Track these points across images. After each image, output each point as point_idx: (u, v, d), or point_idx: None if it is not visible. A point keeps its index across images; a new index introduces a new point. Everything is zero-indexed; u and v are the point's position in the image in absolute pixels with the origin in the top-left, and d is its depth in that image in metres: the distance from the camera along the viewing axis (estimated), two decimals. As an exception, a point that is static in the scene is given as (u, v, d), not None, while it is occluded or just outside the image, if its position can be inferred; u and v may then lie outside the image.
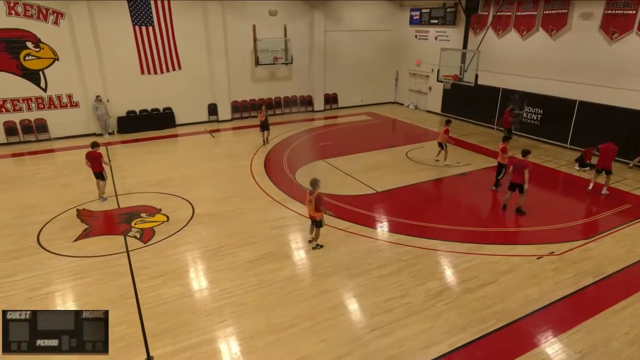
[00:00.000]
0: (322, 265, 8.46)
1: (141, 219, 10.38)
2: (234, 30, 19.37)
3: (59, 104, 17.10)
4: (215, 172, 13.73)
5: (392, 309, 7.16)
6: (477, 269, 8.32)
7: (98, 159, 11.33)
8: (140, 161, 14.79)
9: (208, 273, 8.29)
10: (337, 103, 23.36)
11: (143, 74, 18.20)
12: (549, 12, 16.04)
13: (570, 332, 6.63)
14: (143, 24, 17.58)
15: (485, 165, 14.32)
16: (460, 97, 19.71)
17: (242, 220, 10.39)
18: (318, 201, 8.50)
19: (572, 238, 9.52)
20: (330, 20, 21.47)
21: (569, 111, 15.76)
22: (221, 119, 20.36)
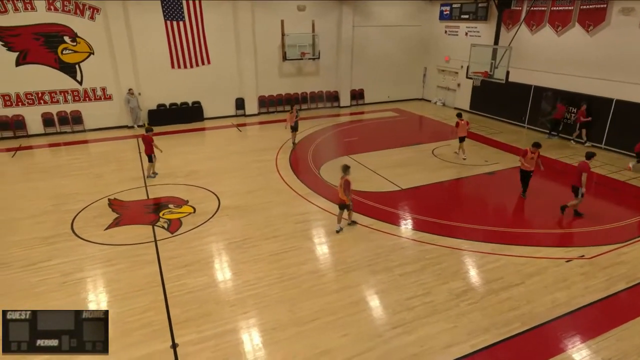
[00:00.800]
0: (345, 261, 8.46)
1: (169, 210, 10.62)
2: (262, 25, 19.48)
3: (93, 97, 17.66)
4: (241, 165, 13.89)
5: (414, 307, 7.10)
6: (502, 270, 8.14)
7: (149, 142, 12.45)
8: (169, 154, 15.08)
9: (232, 264, 8.42)
10: (363, 99, 23.21)
11: (173, 68, 18.56)
12: (586, 7, 15.42)
13: (600, 339, 6.41)
14: (174, 19, 17.90)
15: (514, 165, 13.92)
16: (490, 94, 19.22)
17: (266, 213, 10.49)
18: (345, 186, 9.11)
19: (604, 242, 9.18)
20: (358, 16, 21.30)
21: (604, 110, 15.14)
22: (248, 114, 20.57)
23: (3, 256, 8.64)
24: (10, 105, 16.62)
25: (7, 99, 16.51)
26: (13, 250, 8.85)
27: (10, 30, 15.78)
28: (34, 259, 8.51)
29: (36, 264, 8.37)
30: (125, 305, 7.15)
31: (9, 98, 16.52)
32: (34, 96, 16.83)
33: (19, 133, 16.91)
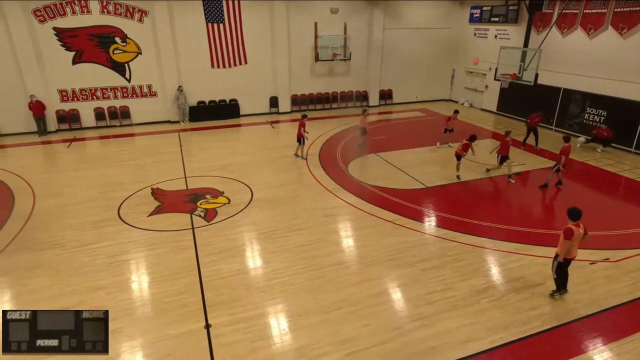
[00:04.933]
0: (368, 255, 8.43)
1: (206, 200, 10.86)
2: (296, 27, 19.53)
3: (140, 94, 18.24)
4: (273, 160, 14.03)
5: (434, 301, 7.00)
6: (524, 270, 7.90)
7: (300, 126, 13.60)
8: (208, 148, 15.44)
9: (262, 253, 8.54)
10: (391, 99, 22.91)
11: (213, 68, 18.90)
12: (621, 10, 14.61)
13: (622, 342, 6.13)
14: (215, 21, 18.21)
15: (540, 166, 13.46)
16: (518, 96, 18.55)
17: (295, 206, 10.56)
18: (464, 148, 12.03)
19: (630, 245, 8.74)
20: (389, 18, 21.00)
21: (636, 114, 14.35)
22: (281, 111, 20.71)
23: (59, 237, 9.10)
24: (67, 101, 17.40)
25: (64, 95, 17.29)
26: (67, 232, 9.30)
27: (69, 32, 16.49)
28: (84, 241, 8.93)
29: (86, 245, 8.77)
30: (164, 286, 7.39)
31: (66, 94, 17.30)
32: (88, 92, 17.54)
33: (74, 126, 17.70)
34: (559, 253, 6.83)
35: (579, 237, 6.68)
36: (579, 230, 6.66)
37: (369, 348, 6.01)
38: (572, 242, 6.63)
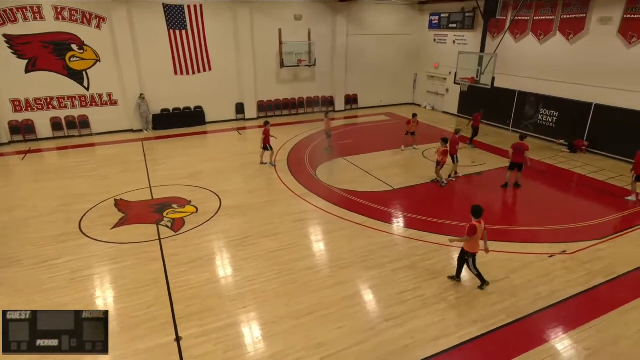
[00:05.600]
0: (340, 257, 8.48)
1: (172, 210, 10.60)
2: (261, 33, 19.48)
3: (100, 102, 17.59)
4: (241, 167, 13.88)
5: (406, 301, 7.12)
6: (489, 266, 8.17)
7: (264, 133, 13.47)
8: (173, 156, 15.08)
9: (233, 261, 8.41)
10: (357, 103, 23.24)
11: (176, 75, 18.52)
12: (567, 17, 15.53)
13: (580, 330, 6.47)
14: (177, 28, 17.87)
15: (500, 165, 14.02)
16: (476, 99, 19.24)
17: (265, 213, 10.49)
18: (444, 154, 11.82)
19: (584, 238, 9.25)
20: (352, 24, 21.35)
21: (584, 114, 15.25)
22: (248, 118, 20.55)
23: (17, 253, 8.61)
24: (21, 111, 16.52)
25: (17, 104, 16.40)
26: (26, 248, 8.82)
27: (20, 39, 15.69)
28: (45, 257, 8.48)
29: (47, 261, 8.34)
30: (131, 300, 7.14)
31: (19, 103, 16.42)
32: (43, 101, 16.73)
33: (28, 137, 16.81)
34: (466, 249, 7.23)
35: (481, 232, 7.13)
36: (482, 226, 7.10)
37: (343, 350, 6.04)
38: (475, 237, 7.05)
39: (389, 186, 12.23)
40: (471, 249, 7.21)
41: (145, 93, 18.01)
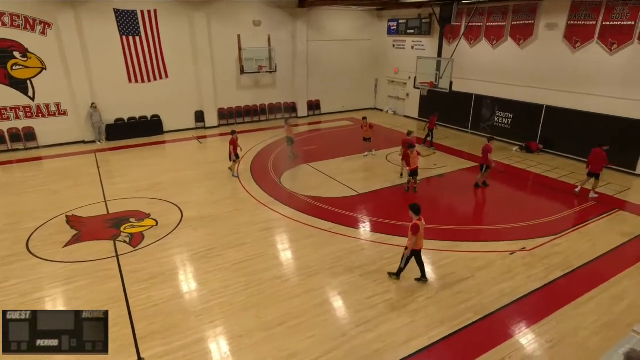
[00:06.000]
0: (308, 265, 8.47)
1: (130, 224, 10.21)
2: (219, 39, 19.28)
3: (47, 113, 16.71)
4: (202, 177, 13.60)
5: (375, 305, 7.21)
6: (454, 265, 8.44)
7: (231, 143, 13.04)
8: (129, 167, 14.55)
9: (197, 275, 8.20)
10: (319, 109, 23.42)
11: (131, 83, 17.94)
12: (517, 23, 16.43)
13: (542, 323, 6.78)
14: (130, 34, 17.34)
15: (461, 167, 14.55)
16: (436, 102, 19.86)
17: (230, 223, 10.32)
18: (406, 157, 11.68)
19: (541, 234, 9.74)
20: (312, 30, 21.56)
21: (537, 115, 16.13)
22: (208, 126, 20.20)
23: (-48, 280, 7.96)
24: (-44, 123, 15.42)
25: (-48, 117, 15.31)
26: (-37, 274, 8.18)
27: (-46, 46, 14.69)
28: (-13, 282, 7.90)
29: (-10, 286, 7.77)
30: (88, 322, 6.76)
31: (-46, 115, 15.33)
32: (-17, 113, 15.71)
33: (-34, 151, 15.71)
34: (407, 246, 7.60)
35: (423, 229, 7.51)
36: (423, 223, 7.47)
37: (315, 359, 6.01)
38: (419, 235, 7.42)
39: (354, 191, 12.37)
40: (415, 246, 7.54)
41: (97, 102, 17.30)
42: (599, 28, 13.84)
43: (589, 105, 14.43)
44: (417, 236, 7.39)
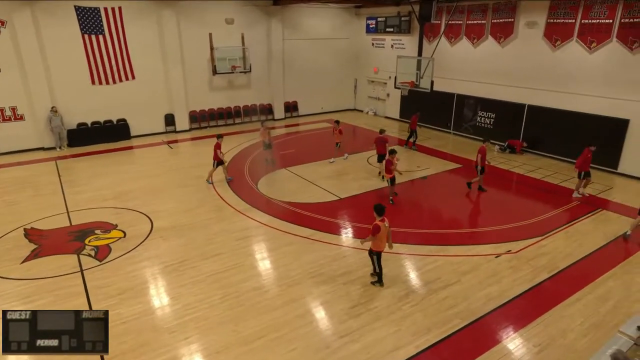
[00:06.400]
0: (288, 275, 8.41)
1: (95, 236, 9.94)
2: (190, 38, 19.08)
3: (1, 118, 16.14)
4: (174, 184, 13.37)
5: (359, 314, 7.21)
6: (440, 270, 8.54)
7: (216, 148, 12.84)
8: (94, 175, 14.17)
9: (170, 289, 8.03)
10: (297, 111, 23.44)
11: (94, 85, 17.54)
12: (497, 21, 16.88)
13: (529, 327, 6.92)
14: (93, 33, 16.97)
15: (444, 169, 14.78)
16: (417, 103, 20.09)
17: (204, 232, 10.17)
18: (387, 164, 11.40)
19: (527, 236, 9.97)
20: (287, 28, 21.59)
21: (519, 115, 16.55)
22: (179, 130, 19.92)
23: None
24: None
25: None
26: None
27: None
28: None
29: (-62, 308, 7.39)
30: (50, 344, 6.52)
31: None
32: None
33: None
34: (371, 248, 7.78)
35: (385, 231, 7.60)
36: (385, 224, 7.58)
37: (297, 374, 5.96)
38: (379, 236, 7.54)
39: (335, 196, 12.39)
40: (376, 247, 7.69)
41: (57, 105, 16.83)
42: (577, 26, 14.36)
43: (570, 104, 14.92)
44: (378, 237, 7.53)
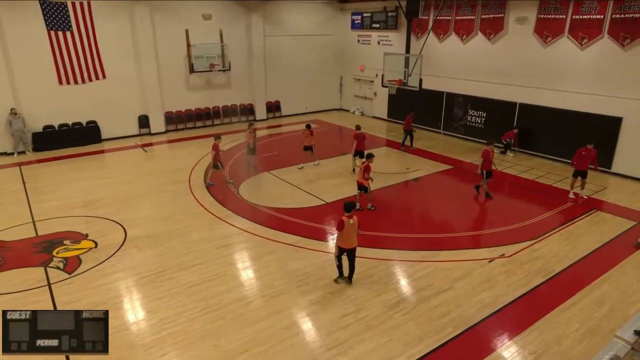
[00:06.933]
0: (272, 284, 8.40)
1: (64, 247, 9.78)
2: (165, 35, 18.95)
3: (-41, 120, 15.78)
4: (149, 190, 13.24)
5: (348, 325, 7.23)
6: (432, 277, 8.63)
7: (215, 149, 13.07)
8: (62, 182, 13.93)
9: (145, 302, 7.93)
10: (280, 111, 23.45)
11: (62, 84, 17.26)
12: (486, 17, 17.19)
13: (525, 334, 7.03)
14: (59, 29, 16.71)
15: (435, 170, 14.94)
16: (406, 102, 20.30)
17: (182, 241, 10.09)
18: (365, 170, 10.89)
19: (520, 239, 10.14)
20: (269, 24, 21.62)
21: (510, 114, 16.86)
22: (154, 132, 19.73)
23: None
24: None
25: None
26: None
27: None
28: None
29: None
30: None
31: None
32: None
33: None
34: (338, 244, 8.02)
35: (350, 227, 7.84)
36: (350, 221, 7.82)
37: (283, 390, 5.95)
38: (344, 232, 7.80)
39: (322, 200, 12.42)
40: (342, 243, 7.93)
41: (21, 107, 16.48)
42: (568, 22, 14.71)
43: (562, 102, 15.26)
44: (344, 233, 7.77)
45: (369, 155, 11.59)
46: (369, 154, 11.67)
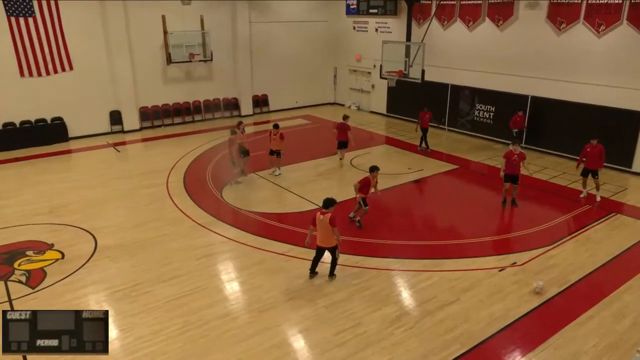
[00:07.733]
0: (261, 298, 8.40)
1: (27, 258, 9.74)
2: (138, 22, 18.93)
3: None
4: (123, 194, 13.20)
5: (345, 342, 7.24)
6: (436, 288, 8.67)
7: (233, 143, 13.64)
8: (23, 185, 13.85)
9: (119, 319, 7.90)
10: (268, 106, 23.49)
11: (23, 77, 17.18)
12: (495, 1, 17.32)
13: (538, 350, 7.08)
14: (20, 15, 16.64)
15: (439, 170, 15.01)
16: (407, 95, 20.44)
17: (159, 251, 10.07)
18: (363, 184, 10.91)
19: (533, 246, 10.22)
20: (255, 10, 21.64)
21: (522, 108, 16.96)
22: (127, 129, 19.68)
23: None
24: None
25: None
26: None
27: None
28: None
29: None
30: (-28, 391, 6.33)
31: None
32: None
33: None
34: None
35: (319, 223, 8.52)
36: (321, 217, 8.48)
37: (273, 415, 5.96)
38: (316, 228, 8.61)
39: (314, 204, 12.42)
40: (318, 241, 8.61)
41: (-23, 102, 16.39)
42: (584, 7, 14.86)
43: (578, 95, 15.39)
44: (316, 229, 8.54)
45: (372, 169, 11.13)
46: (373, 167, 11.18)
